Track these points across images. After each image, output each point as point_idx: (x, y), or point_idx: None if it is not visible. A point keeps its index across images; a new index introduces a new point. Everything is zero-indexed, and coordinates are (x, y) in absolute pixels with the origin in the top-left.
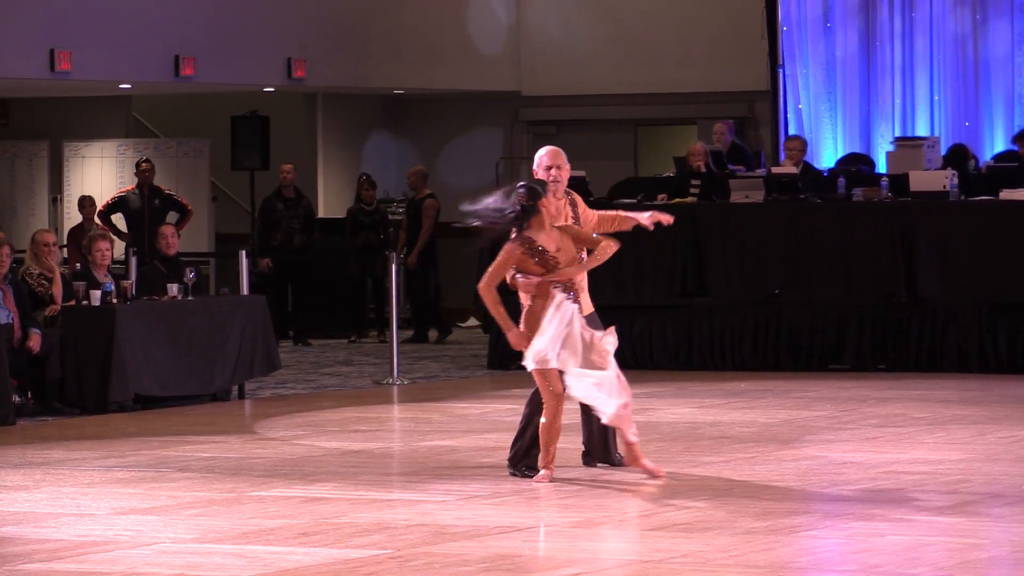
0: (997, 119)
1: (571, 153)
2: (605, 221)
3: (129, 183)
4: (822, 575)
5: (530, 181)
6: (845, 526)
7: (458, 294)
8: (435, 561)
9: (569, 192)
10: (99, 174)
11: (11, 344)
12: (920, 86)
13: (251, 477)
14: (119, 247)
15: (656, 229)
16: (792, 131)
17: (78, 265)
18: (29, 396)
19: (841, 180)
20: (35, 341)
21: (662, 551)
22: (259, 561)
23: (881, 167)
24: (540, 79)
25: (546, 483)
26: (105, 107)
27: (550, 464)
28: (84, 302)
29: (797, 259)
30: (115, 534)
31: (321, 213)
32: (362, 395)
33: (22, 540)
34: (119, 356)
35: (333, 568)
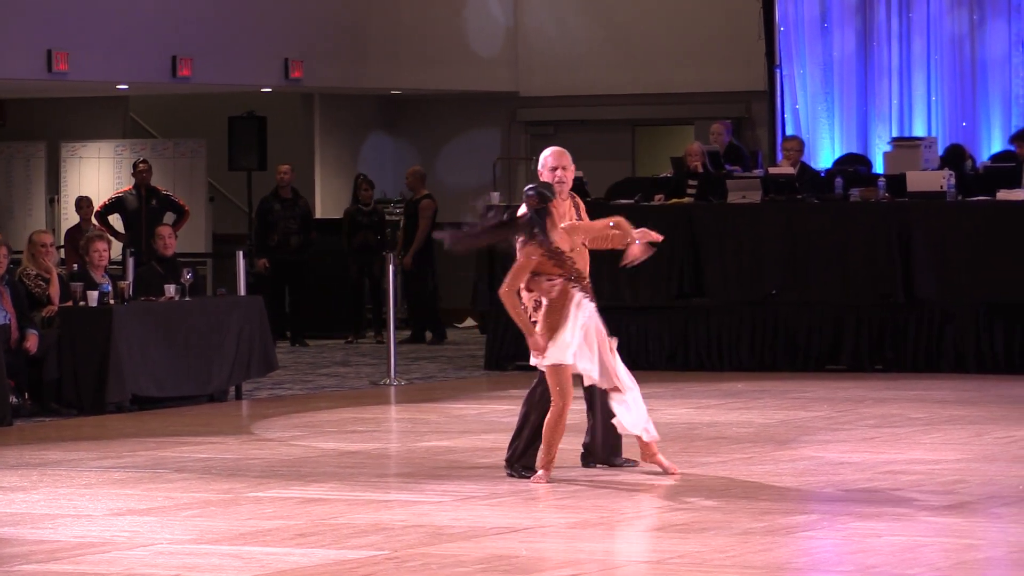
0: (994, 119)
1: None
2: (598, 238)
3: (126, 184)
4: (819, 575)
5: (538, 185)
6: (842, 526)
7: (455, 295)
8: (432, 562)
9: (572, 195)
10: (96, 175)
11: (8, 345)
12: (917, 86)
13: (248, 478)
14: (116, 248)
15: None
16: (789, 131)
17: (75, 266)
18: (26, 397)
19: (838, 180)
20: (32, 342)
21: (659, 552)
22: (256, 562)
23: (878, 167)
24: (537, 80)
25: (543, 484)
26: (102, 108)
27: (549, 465)
28: (81, 303)
29: (794, 259)
30: (112, 535)
31: (318, 214)
32: (359, 396)
33: (19, 541)
34: (116, 357)
35: (330, 569)
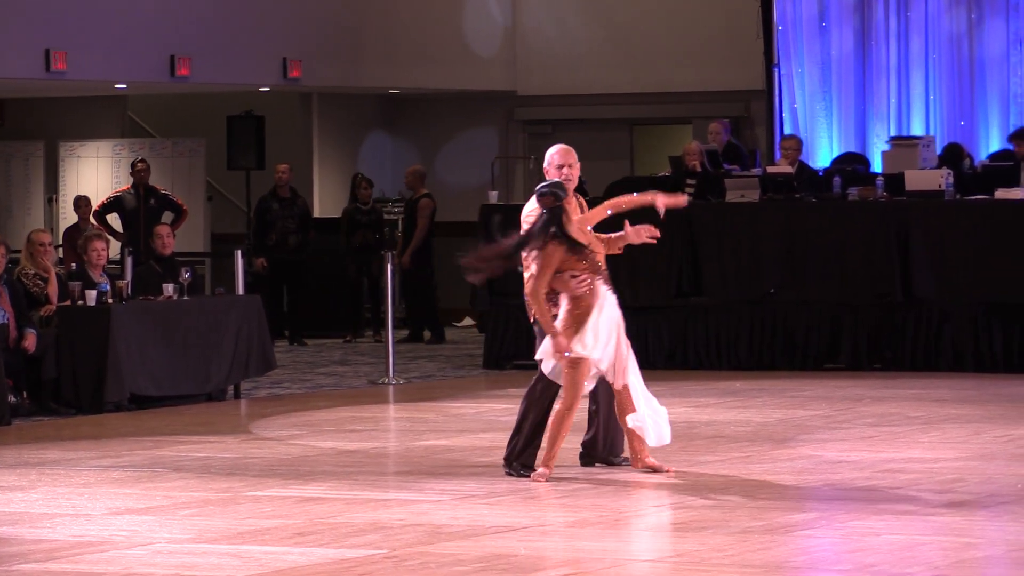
0: (992, 118)
1: None
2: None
3: (125, 183)
4: (818, 574)
5: (550, 183)
6: (840, 525)
7: (454, 294)
8: (431, 561)
9: (576, 194)
10: (95, 174)
11: (7, 344)
12: (915, 85)
13: (247, 477)
14: (115, 247)
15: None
16: (787, 130)
17: (74, 265)
18: (25, 396)
19: (836, 179)
20: (31, 341)
21: (658, 550)
22: (255, 561)
23: (876, 166)
24: (536, 79)
25: (543, 482)
26: (101, 107)
27: (550, 463)
28: (80, 302)
29: (792, 258)
30: (111, 534)
31: (317, 213)
32: (358, 395)
33: (18, 540)
34: (115, 356)
35: (329, 568)
